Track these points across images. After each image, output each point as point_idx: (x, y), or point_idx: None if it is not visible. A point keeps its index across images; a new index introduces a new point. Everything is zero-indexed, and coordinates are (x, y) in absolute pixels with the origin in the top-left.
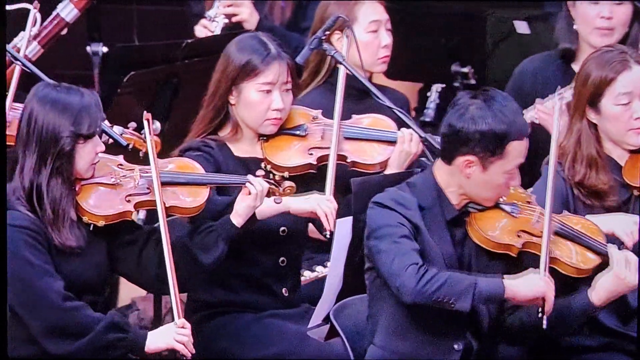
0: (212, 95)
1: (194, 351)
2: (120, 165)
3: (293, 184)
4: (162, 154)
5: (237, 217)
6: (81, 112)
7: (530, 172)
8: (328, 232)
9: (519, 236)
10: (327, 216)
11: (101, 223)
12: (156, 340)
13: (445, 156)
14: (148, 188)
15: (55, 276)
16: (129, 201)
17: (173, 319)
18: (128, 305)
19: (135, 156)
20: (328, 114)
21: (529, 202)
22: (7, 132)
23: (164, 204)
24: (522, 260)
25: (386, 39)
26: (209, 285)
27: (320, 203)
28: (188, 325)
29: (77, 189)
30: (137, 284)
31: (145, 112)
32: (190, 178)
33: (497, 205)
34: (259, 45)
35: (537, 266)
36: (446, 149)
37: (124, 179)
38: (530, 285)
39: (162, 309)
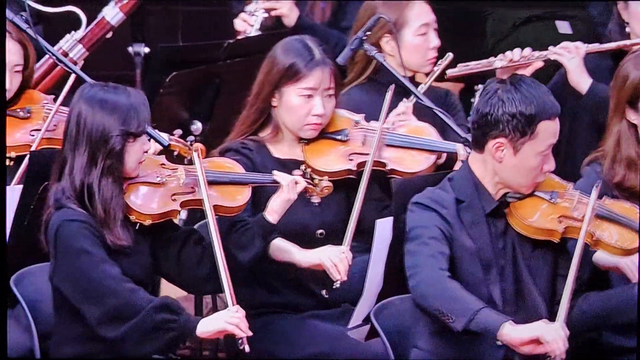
0: (255, 96)
1: (250, 333)
2: (163, 165)
3: (331, 184)
4: (204, 155)
5: (273, 214)
6: (130, 110)
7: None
8: (338, 283)
9: (560, 221)
10: (336, 267)
11: (148, 222)
12: (208, 324)
13: (477, 144)
14: (192, 187)
15: (113, 262)
16: (174, 200)
17: None
18: None
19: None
20: (368, 111)
21: (566, 190)
22: (53, 136)
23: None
24: (566, 246)
25: (435, 40)
26: (250, 287)
27: (331, 255)
28: (242, 311)
29: (124, 188)
30: (176, 284)
31: (195, 143)
32: (230, 177)
33: (534, 194)
34: (304, 49)
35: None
36: (477, 136)
37: (169, 178)
38: (528, 331)
39: (203, 309)
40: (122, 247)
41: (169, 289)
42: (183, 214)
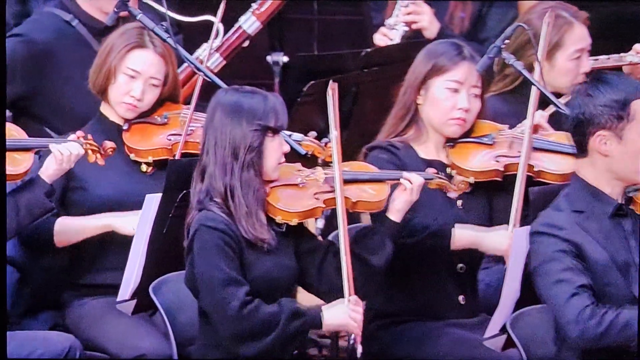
0: (403, 93)
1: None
2: (300, 170)
3: (467, 179)
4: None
5: (396, 213)
6: (266, 108)
7: None
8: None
9: None
10: (508, 252)
11: (295, 221)
12: (332, 319)
13: (580, 148)
14: (332, 186)
15: (240, 282)
16: (317, 198)
17: None
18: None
19: (313, 163)
20: (506, 120)
21: None
22: (190, 139)
23: (350, 199)
24: None
25: (587, 65)
26: (386, 295)
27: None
28: (360, 302)
29: (266, 191)
30: (315, 294)
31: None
32: (368, 175)
33: None
34: (451, 46)
35: None
36: (578, 141)
37: (308, 179)
38: None
39: None
40: (262, 242)
41: (306, 294)
42: (320, 223)
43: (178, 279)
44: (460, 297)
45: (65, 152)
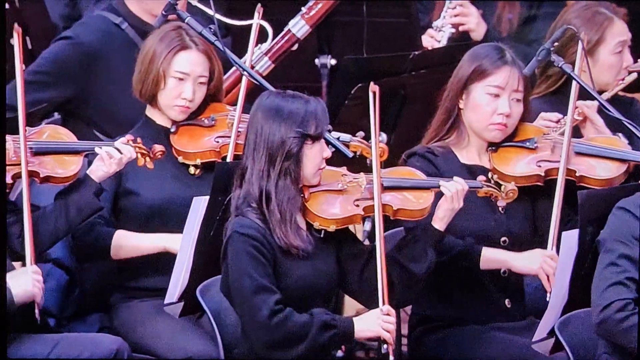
0: (446, 97)
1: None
2: (345, 175)
3: (516, 188)
4: (389, 163)
5: (439, 221)
6: (307, 115)
7: None
8: (548, 295)
9: None
10: (548, 278)
11: (332, 227)
12: (363, 327)
13: None
14: (373, 193)
15: (271, 290)
16: (357, 205)
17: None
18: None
19: (361, 165)
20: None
21: None
22: (239, 141)
23: (391, 207)
24: None
25: (629, 59)
26: (429, 299)
27: (543, 264)
28: (393, 312)
29: (306, 196)
30: (357, 299)
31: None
32: (410, 182)
33: None
34: (493, 50)
35: None
36: None
37: (350, 185)
38: None
39: None
40: (296, 249)
41: (352, 303)
42: (367, 226)
43: None
44: (506, 301)
45: (115, 154)
